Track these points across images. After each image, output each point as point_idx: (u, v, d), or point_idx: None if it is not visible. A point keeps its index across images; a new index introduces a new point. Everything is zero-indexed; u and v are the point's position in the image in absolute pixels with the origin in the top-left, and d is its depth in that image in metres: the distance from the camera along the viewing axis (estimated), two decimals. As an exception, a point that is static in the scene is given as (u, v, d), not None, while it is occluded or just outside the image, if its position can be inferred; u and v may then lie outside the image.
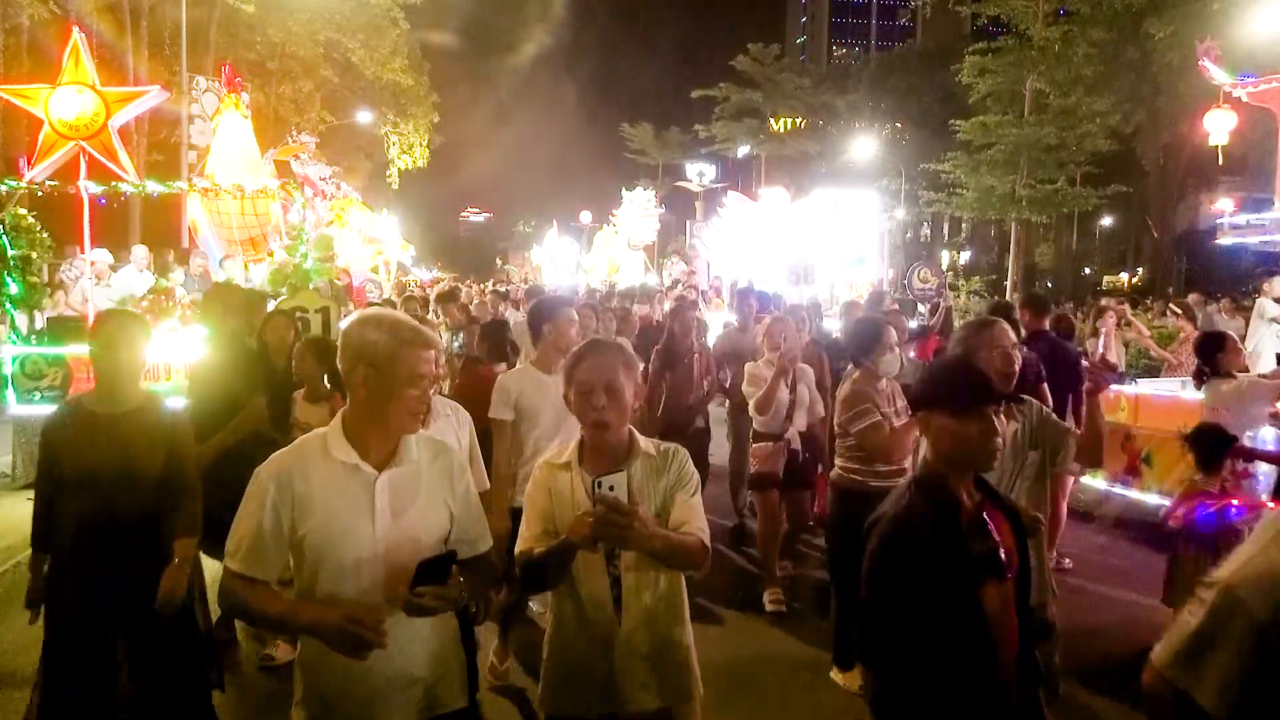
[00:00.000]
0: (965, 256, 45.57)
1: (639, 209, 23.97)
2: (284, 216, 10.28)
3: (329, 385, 4.73)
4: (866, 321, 4.90)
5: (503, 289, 18.01)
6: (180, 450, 3.32)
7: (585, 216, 45.55)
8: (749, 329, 7.36)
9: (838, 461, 4.45)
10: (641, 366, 2.64)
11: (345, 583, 2.13)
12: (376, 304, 9.83)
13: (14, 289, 8.59)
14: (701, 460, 6.43)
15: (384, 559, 2.14)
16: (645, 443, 2.44)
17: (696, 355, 6.82)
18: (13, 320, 8.58)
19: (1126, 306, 11.14)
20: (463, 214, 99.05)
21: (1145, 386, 7.92)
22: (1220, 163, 19.02)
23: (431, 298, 12.97)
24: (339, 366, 2.19)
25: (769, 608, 5.51)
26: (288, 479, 2.14)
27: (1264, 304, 10.59)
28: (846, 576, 4.11)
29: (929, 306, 12.89)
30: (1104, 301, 11.37)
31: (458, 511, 2.31)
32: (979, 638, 2.12)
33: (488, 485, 3.94)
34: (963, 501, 2.21)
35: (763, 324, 6.09)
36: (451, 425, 3.67)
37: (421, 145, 34.96)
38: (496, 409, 4.11)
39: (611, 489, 2.14)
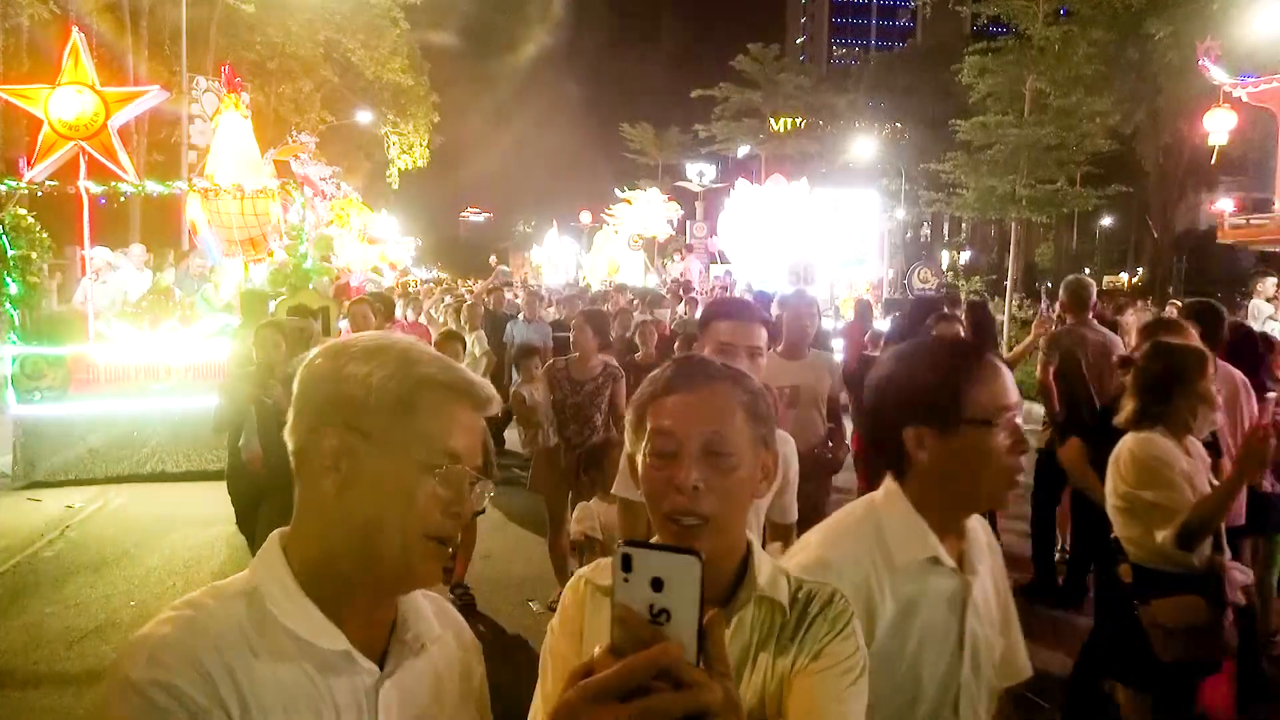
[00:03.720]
0: (965, 256, 45.62)
1: (656, 208, 24.58)
2: (284, 215, 10.27)
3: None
4: None
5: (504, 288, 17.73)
6: None
7: (585, 217, 45.53)
8: (803, 354, 4.82)
9: None
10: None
11: None
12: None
13: (14, 289, 8.60)
14: None
15: None
16: (770, 571, 1.29)
17: None
18: (13, 320, 8.59)
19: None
20: (463, 214, 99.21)
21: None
22: (1214, 161, 19.03)
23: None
24: (290, 434, 1.09)
25: None
26: (210, 680, 0.95)
27: (1257, 305, 10.68)
28: None
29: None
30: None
31: None
32: None
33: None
34: None
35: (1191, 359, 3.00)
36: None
37: (421, 145, 35.01)
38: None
39: (659, 582, 0.79)
